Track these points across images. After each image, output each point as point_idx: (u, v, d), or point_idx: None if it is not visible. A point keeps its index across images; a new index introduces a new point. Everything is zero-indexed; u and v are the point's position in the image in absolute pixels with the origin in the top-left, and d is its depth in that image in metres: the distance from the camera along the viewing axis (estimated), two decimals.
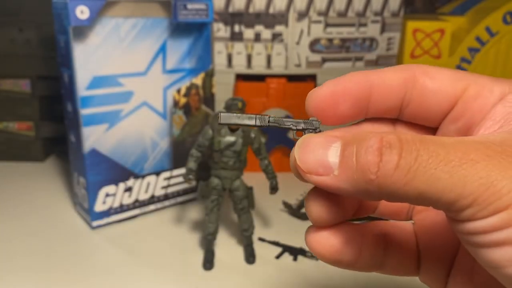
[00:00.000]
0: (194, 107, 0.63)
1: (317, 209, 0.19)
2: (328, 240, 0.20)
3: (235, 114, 0.20)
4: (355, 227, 0.21)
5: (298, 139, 0.20)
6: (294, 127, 0.20)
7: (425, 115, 0.20)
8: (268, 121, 0.20)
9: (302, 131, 0.20)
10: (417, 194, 0.15)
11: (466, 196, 0.15)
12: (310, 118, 0.20)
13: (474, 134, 0.19)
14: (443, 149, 0.15)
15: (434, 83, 0.20)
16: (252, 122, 0.20)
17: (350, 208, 0.21)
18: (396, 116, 0.21)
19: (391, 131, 0.17)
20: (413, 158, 0.15)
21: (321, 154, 0.17)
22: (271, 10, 0.71)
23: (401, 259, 0.22)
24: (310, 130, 0.20)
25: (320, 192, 0.19)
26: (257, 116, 0.20)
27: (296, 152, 0.18)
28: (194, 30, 0.60)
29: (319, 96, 0.20)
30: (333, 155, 0.17)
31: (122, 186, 0.59)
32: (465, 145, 0.16)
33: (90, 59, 0.52)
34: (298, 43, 0.72)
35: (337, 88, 0.20)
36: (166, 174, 0.63)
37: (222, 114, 0.20)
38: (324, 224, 0.20)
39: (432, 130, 0.21)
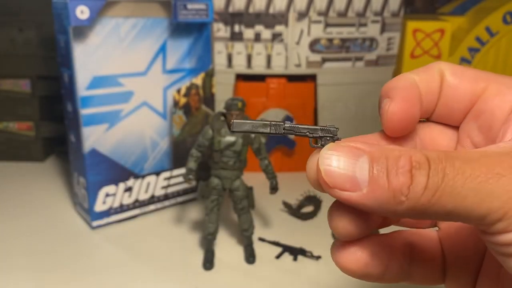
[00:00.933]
0: (194, 107, 0.63)
1: (342, 224, 0.19)
2: (356, 255, 0.20)
3: (248, 121, 0.19)
4: (382, 239, 0.21)
5: (315, 146, 0.19)
6: (311, 135, 0.19)
7: (448, 113, 0.20)
8: (284, 129, 0.19)
9: (319, 139, 0.19)
10: (446, 212, 0.15)
11: (495, 210, 0.15)
12: (327, 125, 0.19)
13: (498, 139, 0.19)
14: (468, 165, 0.15)
15: (456, 80, 0.20)
16: (267, 130, 0.19)
17: (376, 219, 0.21)
18: (429, 116, 0.21)
19: (416, 149, 0.16)
20: (440, 178, 0.15)
21: (348, 169, 0.17)
22: (271, 10, 0.71)
23: (427, 267, 0.21)
24: (328, 138, 0.19)
25: (343, 206, 0.19)
26: (272, 123, 0.19)
27: (321, 164, 0.17)
28: (194, 30, 0.60)
29: (395, 117, 0.19)
30: (361, 172, 0.16)
31: (122, 186, 0.59)
32: (490, 159, 0.16)
33: (90, 59, 0.52)
34: (298, 43, 0.72)
35: (407, 101, 0.19)
36: (166, 174, 0.63)
37: (235, 121, 0.19)
38: (350, 238, 0.19)
39: (455, 129, 0.21)
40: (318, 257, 0.52)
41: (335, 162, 0.17)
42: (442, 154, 0.16)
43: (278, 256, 0.52)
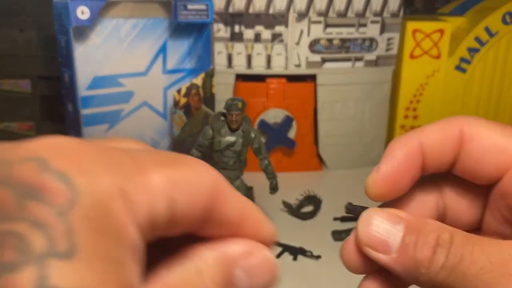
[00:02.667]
0: (194, 107, 0.63)
1: (355, 264, 0.20)
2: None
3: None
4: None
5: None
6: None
7: (474, 176, 0.20)
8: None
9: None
10: None
11: None
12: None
13: None
14: (486, 256, 0.16)
15: (481, 146, 0.19)
16: None
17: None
18: (446, 171, 0.20)
19: (446, 227, 0.17)
20: (456, 261, 0.16)
21: (383, 233, 0.18)
22: (271, 11, 0.71)
23: None
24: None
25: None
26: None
27: (360, 225, 0.19)
28: (194, 31, 0.60)
29: (378, 184, 0.20)
30: (394, 238, 0.18)
31: None
32: (509, 255, 0.16)
33: (90, 59, 0.52)
34: (298, 43, 0.72)
35: (394, 169, 0.19)
36: None
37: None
38: (359, 273, 0.21)
39: (486, 188, 0.20)
40: (318, 257, 0.52)
41: (373, 224, 0.18)
42: (465, 238, 0.17)
43: (278, 256, 0.53)
